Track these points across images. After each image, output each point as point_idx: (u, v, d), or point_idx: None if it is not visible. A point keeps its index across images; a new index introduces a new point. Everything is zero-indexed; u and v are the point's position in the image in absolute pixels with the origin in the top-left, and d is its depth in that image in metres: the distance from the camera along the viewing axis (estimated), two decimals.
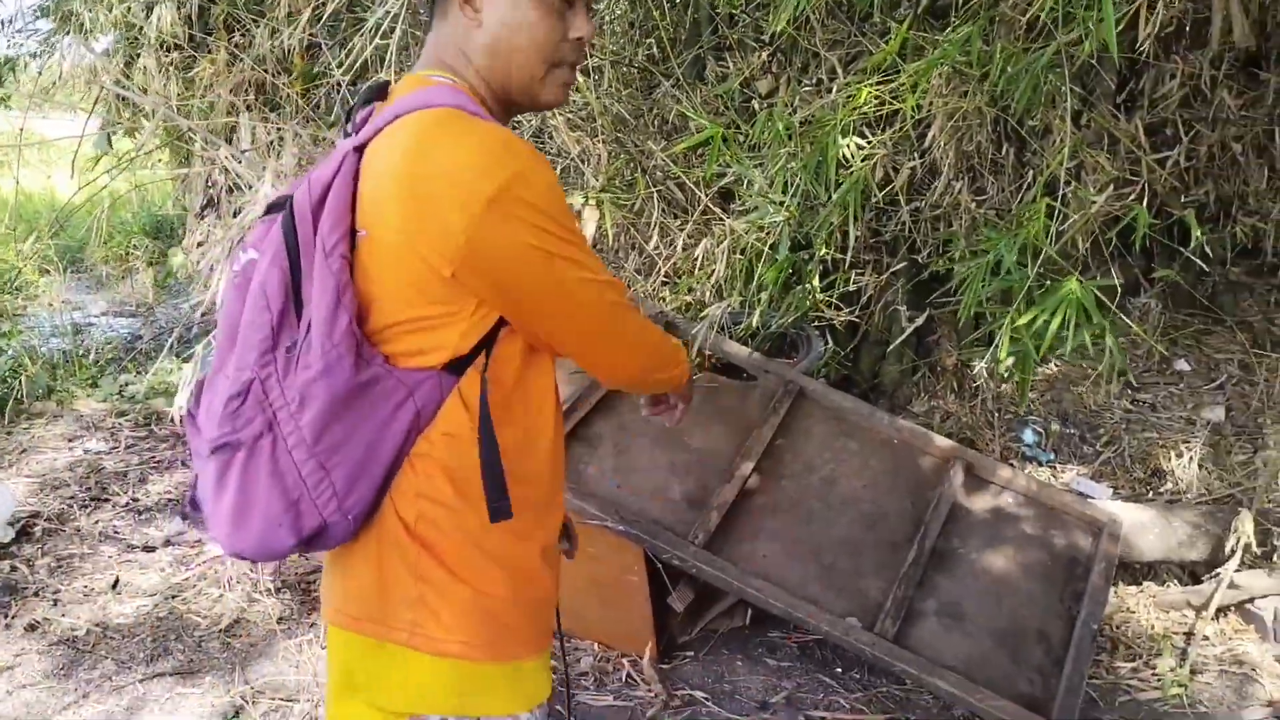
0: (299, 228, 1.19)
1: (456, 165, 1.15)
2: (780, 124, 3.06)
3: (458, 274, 1.15)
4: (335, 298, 1.16)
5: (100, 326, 6.57)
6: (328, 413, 1.15)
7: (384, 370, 1.18)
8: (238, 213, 3.55)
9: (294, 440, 1.16)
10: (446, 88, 1.24)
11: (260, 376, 1.16)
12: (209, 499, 1.20)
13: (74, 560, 3.58)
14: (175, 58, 4.69)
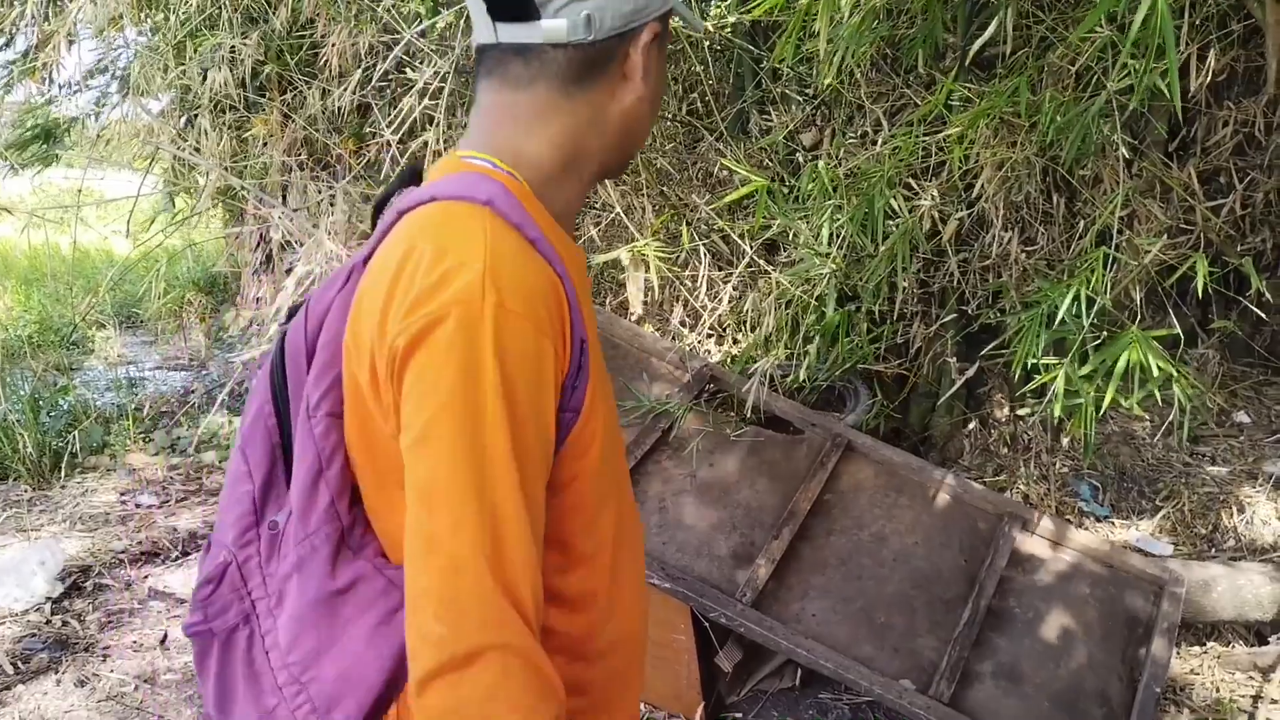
0: (289, 369, 0.99)
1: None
2: (826, 176, 3.05)
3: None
4: (315, 469, 0.95)
5: (154, 381, 6.67)
6: (299, 618, 0.95)
7: (371, 569, 0.95)
8: (290, 270, 3.59)
9: (270, 641, 0.97)
10: (482, 174, 0.98)
11: (239, 559, 0.98)
12: (199, 674, 1.04)
13: (124, 615, 3.60)
14: (229, 118, 4.80)
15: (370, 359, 0.90)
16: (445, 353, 0.85)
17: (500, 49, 1.01)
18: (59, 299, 8.08)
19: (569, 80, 1.00)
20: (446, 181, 0.97)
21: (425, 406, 0.86)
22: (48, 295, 8.22)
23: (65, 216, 5.23)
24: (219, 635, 0.99)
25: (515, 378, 0.86)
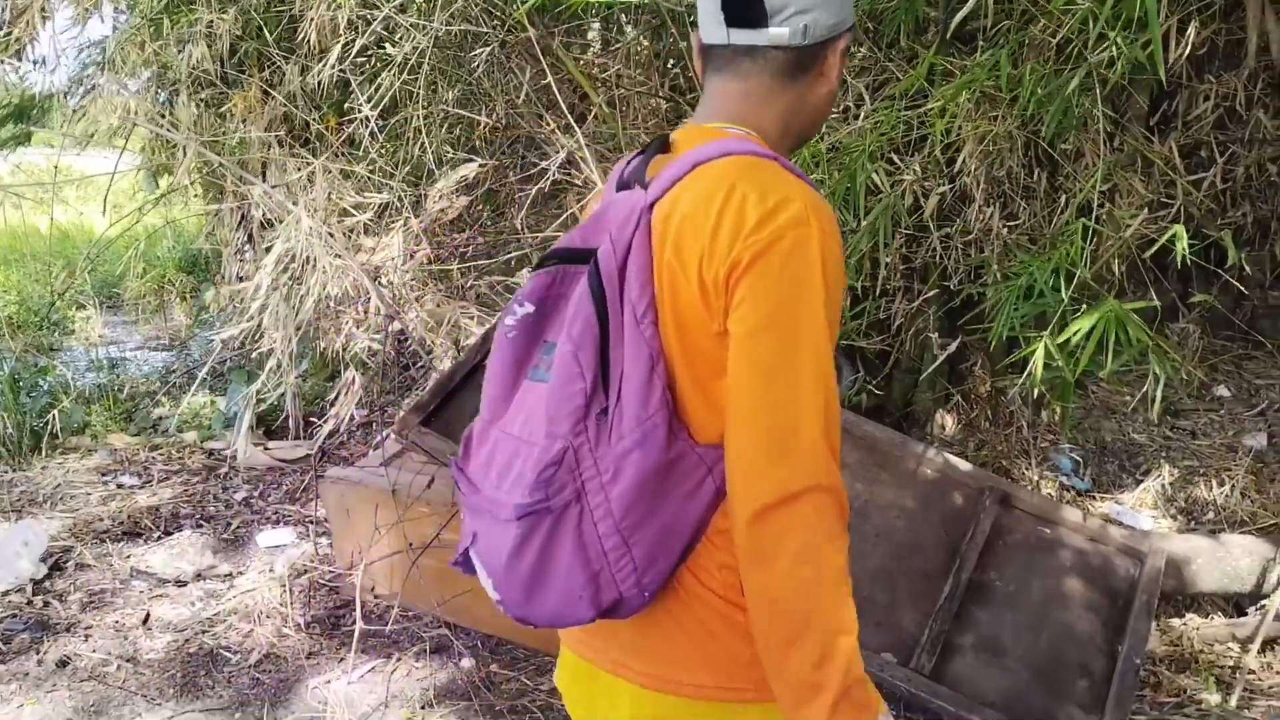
0: (606, 288, 1.16)
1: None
2: (807, 151, 3.04)
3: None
4: (650, 367, 1.14)
5: (135, 361, 6.63)
6: (637, 487, 1.13)
7: (688, 446, 1.15)
8: (269, 248, 3.57)
9: (600, 512, 1.13)
10: (742, 138, 1.22)
11: (574, 445, 1.14)
12: (501, 563, 1.17)
13: (105, 595, 3.59)
14: (207, 95, 4.75)
15: (698, 275, 1.13)
16: (784, 263, 1.10)
17: (732, 48, 1.25)
18: (38, 279, 8.02)
19: (784, 75, 1.26)
20: (723, 143, 1.20)
21: (767, 303, 1.10)
22: (27, 275, 8.16)
23: (45, 196, 5.18)
24: (555, 512, 1.13)
25: (832, 284, 1.13)
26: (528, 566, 1.15)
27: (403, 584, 3.23)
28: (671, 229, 1.16)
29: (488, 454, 1.24)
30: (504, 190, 4.31)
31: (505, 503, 1.16)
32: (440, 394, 3.16)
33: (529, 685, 3.02)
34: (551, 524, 1.14)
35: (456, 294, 4.16)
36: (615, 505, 1.12)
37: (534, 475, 1.13)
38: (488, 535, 1.20)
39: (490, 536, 1.19)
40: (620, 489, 1.12)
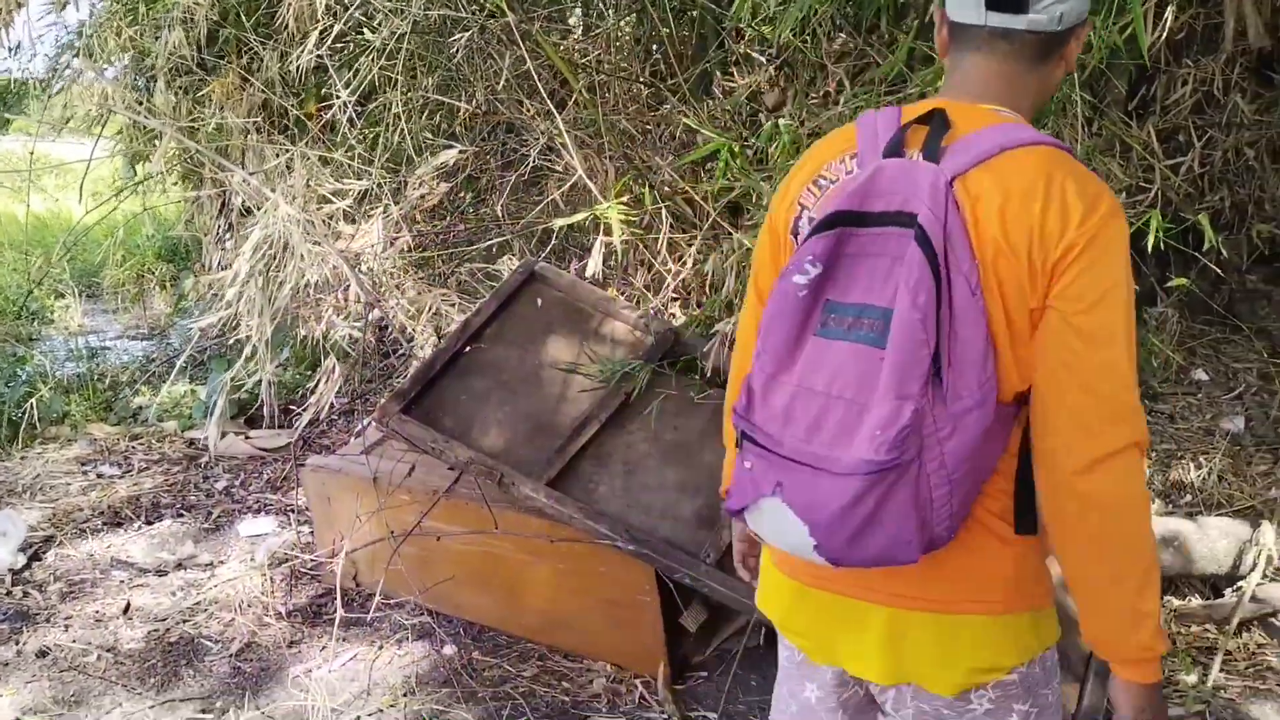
0: (939, 263, 1.25)
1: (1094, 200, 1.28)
2: (787, 136, 3.04)
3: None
4: (986, 333, 1.26)
5: (115, 350, 6.59)
6: (971, 442, 1.26)
7: (1002, 404, 1.30)
8: (248, 236, 3.54)
9: (934, 465, 1.25)
10: (1027, 126, 1.35)
11: (921, 406, 1.23)
12: (831, 512, 1.25)
13: (85, 585, 3.57)
14: (185, 81, 4.72)
15: (1027, 256, 1.26)
16: (1109, 249, 1.26)
17: (988, 30, 1.36)
18: (15, 268, 7.95)
19: (1035, 58, 1.37)
20: (1019, 130, 1.32)
21: (1104, 280, 1.25)
22: (4, 264, 8.09)
23: (21, 184, 5.13)
24: (901, 467, 1.23)
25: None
26: (861, 516, 1.24)
27: (384, 572, 3.23)
28: (989, 209, 1.27)
29: (784, 406, 1.30)
30: (484, 177, 4.30)
31: (839, 458, 1.24)
32: (421, 382, 3.15)
33: (511, 672, 3.02)
34: (895, 478, 1.23)
35: (437, 281, 4.15)
36: (949, 459, 1.25)
37: (892, 435, 1.22)
38: (808, 487, 1.27)
39: (813, 488, 1.26)
40: (955, 444, 1.25)
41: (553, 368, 3.29)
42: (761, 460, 1.31)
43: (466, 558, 3.12)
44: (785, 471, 1.29)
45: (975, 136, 1.31)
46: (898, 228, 1.27)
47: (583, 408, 3.16)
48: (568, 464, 2.99)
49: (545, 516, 2.91)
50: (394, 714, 2.85)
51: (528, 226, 3.99)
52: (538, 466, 2.96)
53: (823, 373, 1.28)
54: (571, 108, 3.92)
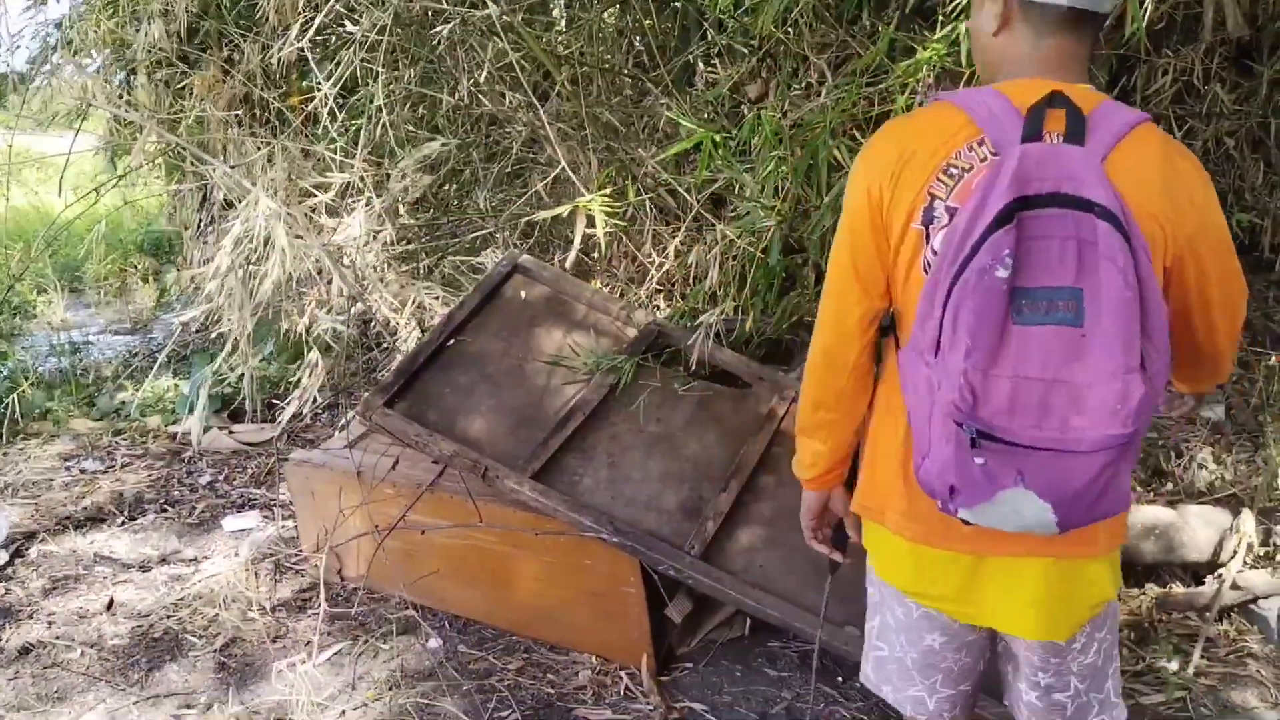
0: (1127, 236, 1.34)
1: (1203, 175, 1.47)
2: (769, 127, 3.03)
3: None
4: (1161, 307, 1.35)
5: (98, 345, 6.56)
6: (1154, 405, 1.36)
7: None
8: (229, 229, 3.52)
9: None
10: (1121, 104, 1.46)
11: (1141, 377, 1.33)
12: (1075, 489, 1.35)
13: (68, 581, 3.56)
14: (166, 74, 4.68)
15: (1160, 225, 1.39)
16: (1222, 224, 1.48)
17: (1073, 10, 1.45)
18: None
19: (1096, 39, 1.51)
20: (1120, 107, 1.44)
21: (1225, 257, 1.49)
22: None
23: (1, 179, 5.09)
24: (1136, 434, 1.33)
25: None
26: (1102, 485, 1.35)
27: (369, 566, 3.22)
28: (1139, 190, 1.38)
29: (1007, 398, 1.34)
30: (468, 169, 4.28)
31: (1080, 438, 1.32)
32: (404, 375, 3.15)
33: (496, 665, 3.02)
34: (1128, 445, 1.33)
35: (421, 274, 4.14)
36: (1144, 423, 1.35)
37: (1133, 408, 1.31)
38: (1050, 469, 1.34)
39: (1055, 470, 1.34)
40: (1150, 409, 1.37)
41: (536, 360, 3.28)
42: (999, 455, 1.35)
43: (451, 551, 3.12)
44: (1024, 460, 1.34)
45: (1101, 117, 1.40)
46: (1071, 209, 1.33)
47: (567, 400, 3.16)
48: (552, 457, 2.98)
49: (530, 509, 2.91)
50: (379, 708, 2.84)
51: (511, 219, 3.98)
52: (522, 459, 2.96)
53: (1033, 359, 1.33)
54: (554, 100, 3.91)
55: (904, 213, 1.48)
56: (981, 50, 1.57)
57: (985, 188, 1.36)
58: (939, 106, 1.51)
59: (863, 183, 1.52)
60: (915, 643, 1.76)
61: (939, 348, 1.38)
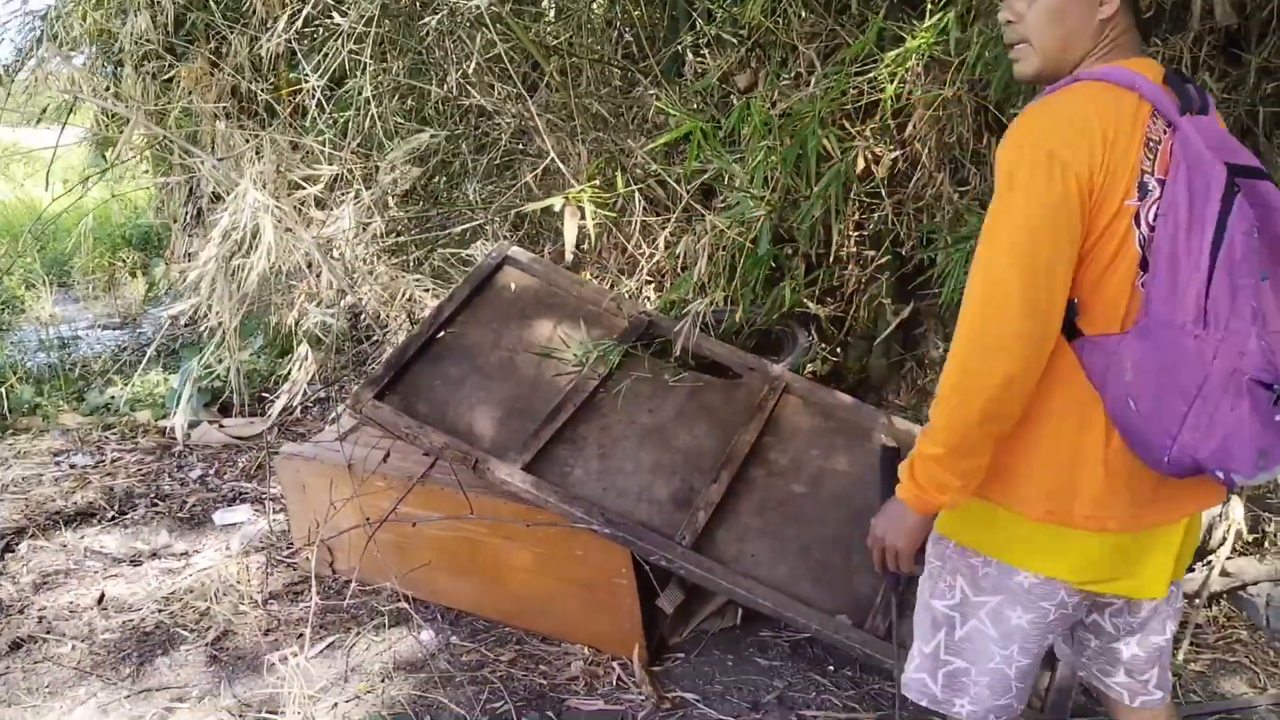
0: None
1: None
2: (758, 117, 3.03)
3: None
4: None
5: (87, 340, 6.53)
6: None
7: None
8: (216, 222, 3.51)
9: None
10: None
11: None
12: None
13: (59, 576, 3.55)
14: (153, 66, 4.66)
15: None
16: None
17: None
18: None
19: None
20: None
21: None
22: None
23: None
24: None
25: None
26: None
27: (360, 558, 3.22)
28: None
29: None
30: (457, 161, 4.27)
31: None
32: (394, 367, 3.14)
33: (489, 656, 3.02)
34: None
35: (410, 267, 4.13)
36: None
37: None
38: None
39: None
40: None
41: (527, 352, 3.28)
42: None
43: (443, 543, 3.12)
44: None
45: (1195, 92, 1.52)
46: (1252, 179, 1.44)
47: (557, 392, 3.16)
48: (543, 448, 2.98)
49: (521, 501, 2.91)
50: (372, 700, 2.84)
51: (501, 211, 3.97)
52: (513, 451, 2.96)
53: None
54: (543, 91, 3.90)
55: (1120, 192, 1.50)
56: (1076, 31, 1.59)
57: (1190, 157, 1.45)
58: (1094, 87, 1.53)
59: (1068, 172, 1.48)
60: (1031, 649, 1.75)
61: (1207, 318, 1.40)
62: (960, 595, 1.77)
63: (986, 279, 1.52)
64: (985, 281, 1.52)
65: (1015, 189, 1.50)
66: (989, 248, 1.53)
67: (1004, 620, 1.73)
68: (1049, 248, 1.49)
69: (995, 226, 1.53)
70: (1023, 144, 1.52)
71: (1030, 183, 1.49)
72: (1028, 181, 1.49)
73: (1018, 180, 1.50)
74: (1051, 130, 1.51)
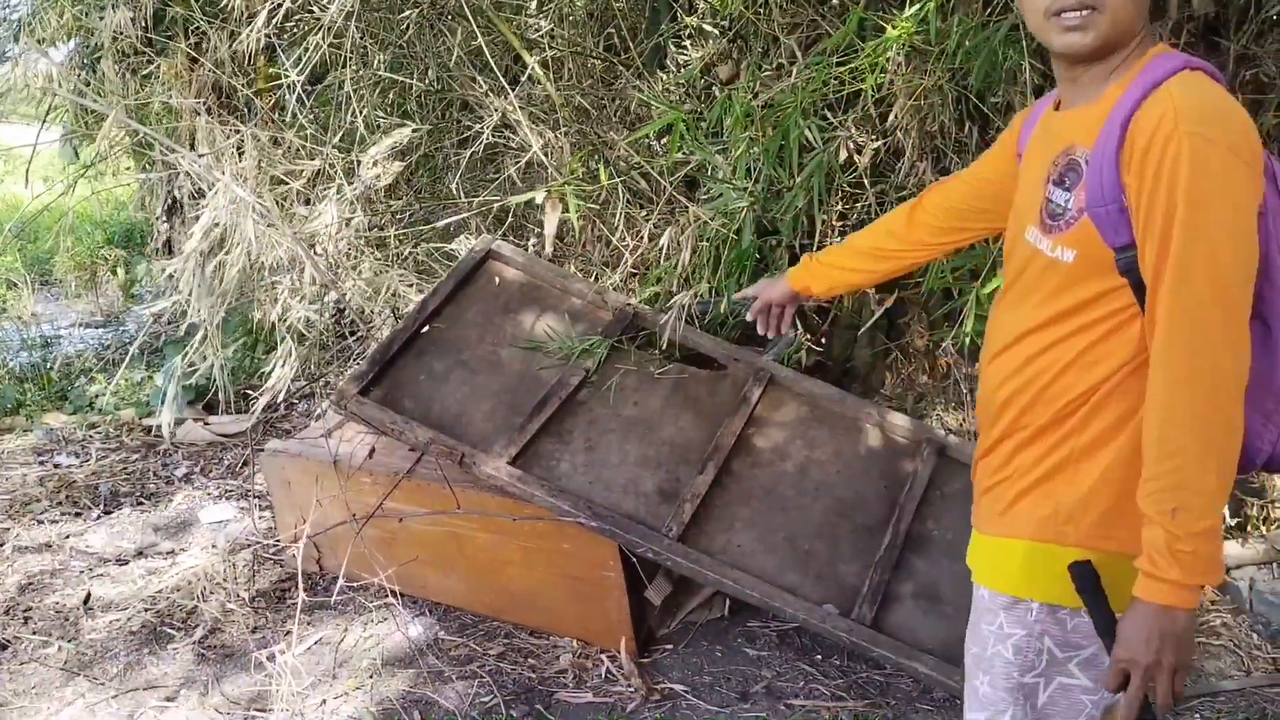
0: None
1: None
2: (740, 108, 3.03)
3: None
4: None
5: (69, 338, 6.49)
6: None
7: None
8: (197, 218, 3.49)
9: None
10: None
11: None
12: None
13: (44, 576, 3.53)
14: (132, 62, 4.63)
15: None
16: None
17: None
18: None
19: None
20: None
21: None
22: None
23: None
24: None
25: None
26: None
27: (347, 555, 3.22)
28: None
29: None
30: (439, 155, 4.26)
31: None
32: (378, 363, 3.13)
33: (478, 650, 3.02)
34: None
35: (394, 261, 4.12)
36: None
37: None
38: None
39: None
40: None
41: (512, 346, 3.28)
42: None
43: (430, 538, 3.12)
44: None
45: None
46: None
47: (543, 385, 3.15)
48: (529, 442, 2.98)
49: (507, 495, 2.91)
50: (360, 696, 2.84)
51: (484, 204, 3.97)
52: (499, 445, 2.96)
53: None
54: (525, 84, 3.89)
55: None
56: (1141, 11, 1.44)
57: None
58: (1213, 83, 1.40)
59: (1254, 180, 1.33)
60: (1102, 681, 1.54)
61: None
62: (1046, 658, 1.54)
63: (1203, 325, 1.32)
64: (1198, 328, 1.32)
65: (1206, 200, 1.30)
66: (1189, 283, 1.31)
67: (1099, 664, 1.53)
68: (1248, 262, 1.34)
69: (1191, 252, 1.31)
70: (1214, 140, 1.30)
71: (1232, 196, 1.31)
72: (1229, 194, 1.30)
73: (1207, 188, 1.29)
74: (1243, 141, 1.32)
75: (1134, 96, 1.36)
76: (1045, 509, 1.51)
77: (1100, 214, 1.39)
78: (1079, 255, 1.43)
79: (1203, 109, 1.32)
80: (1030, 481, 1.53)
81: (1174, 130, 1.29)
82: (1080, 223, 1.42)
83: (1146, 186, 1.32)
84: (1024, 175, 1.62)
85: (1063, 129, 1.51)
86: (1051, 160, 1.50)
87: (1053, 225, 1.47)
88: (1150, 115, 1.33)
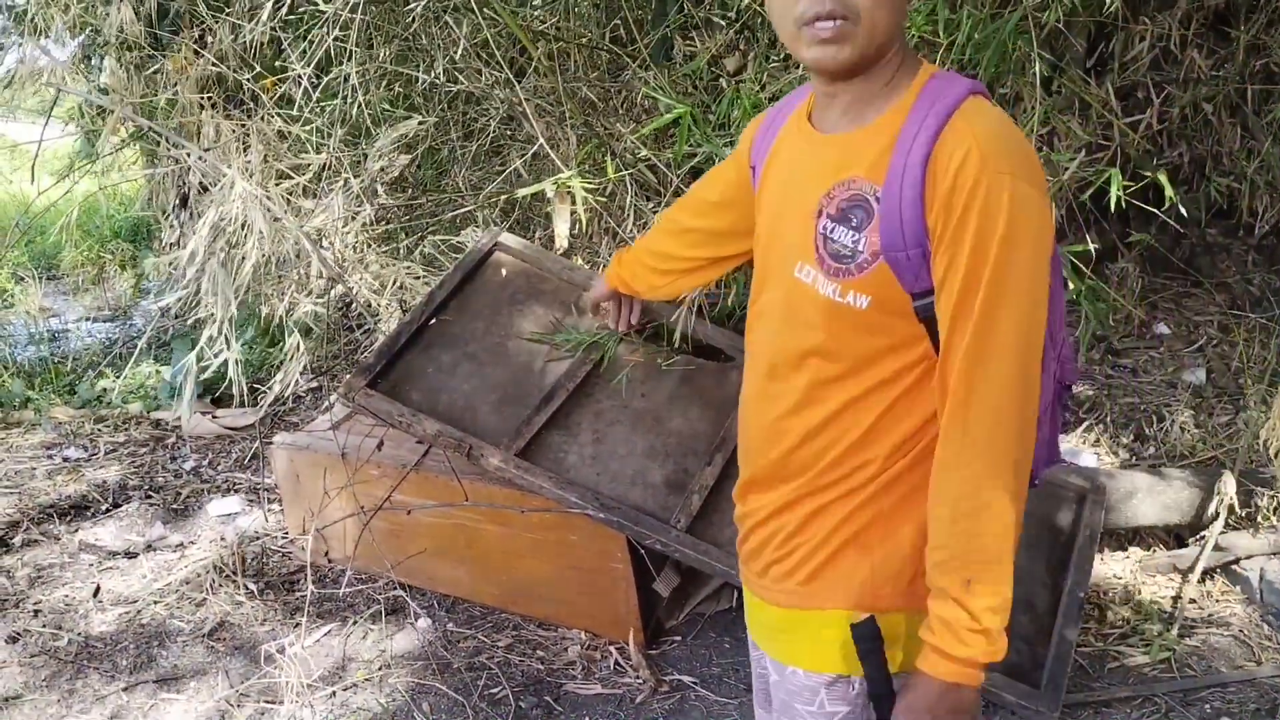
0: None
1: None
2: (748, 101, 3.02)
3: None
4: None
5: (77, 332, 6.51)
6: None
7: None
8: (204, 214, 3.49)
9: None
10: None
11: None
12: None
13: (54, 570, 3.55)
14: (136, 56, 4.63)
15: None
16: None
17: None
18: None
19: None
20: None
21: None
22: None
23: None
24: None
25: None
26: None
27: (355, 547, 3.22)
28: None
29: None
30: (445, 148, 4.25)
31: None
32: (386, 356, 3.13)
33: (486, 642, 3.03)
34: None
35: (401, 254, 4.12)
36: None
37: None
38: None
39: None
40: None
41: (519, 338, 3.28)
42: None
43: (438, 530, 3.12)
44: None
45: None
46: None
47: (550, 377, 3.15)
48: (536, 434, 2.98)
49: (515, 487, 2.91)
50: (369, 688, 2.85)
51: (490, 197, 3.96)
52: (506, 437, 2.96)
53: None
54: (531, 76, 3.88)
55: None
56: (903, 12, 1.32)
57: None
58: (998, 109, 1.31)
59: (1051, 211, 1.28)
60: None
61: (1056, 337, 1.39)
62: None
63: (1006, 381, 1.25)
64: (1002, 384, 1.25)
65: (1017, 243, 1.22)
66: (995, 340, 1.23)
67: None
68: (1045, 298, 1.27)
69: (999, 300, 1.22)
70: (1023, 176, 1.22)
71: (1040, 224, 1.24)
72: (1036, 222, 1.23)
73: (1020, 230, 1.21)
74: (1030, 158, 1.25)
75: (928, 128, 1.24)
76: (860, 573, 1.37)
77: (900, 259, 1.26)
78: (874, 300, 1.30)
79: (1007, 144, 1.23)
80: (839, 544, 1.39)
81: (981, 171, 1.20)
82: (875, 267, 1.28)
83: (950, 230, 1.22)
84: (778, 197, 1.45)
85: (835, 156, 1.34)
86: (825, 192, 1.34)
87: (839, 268, 1.31)
88: (952, 154, 1.21)
